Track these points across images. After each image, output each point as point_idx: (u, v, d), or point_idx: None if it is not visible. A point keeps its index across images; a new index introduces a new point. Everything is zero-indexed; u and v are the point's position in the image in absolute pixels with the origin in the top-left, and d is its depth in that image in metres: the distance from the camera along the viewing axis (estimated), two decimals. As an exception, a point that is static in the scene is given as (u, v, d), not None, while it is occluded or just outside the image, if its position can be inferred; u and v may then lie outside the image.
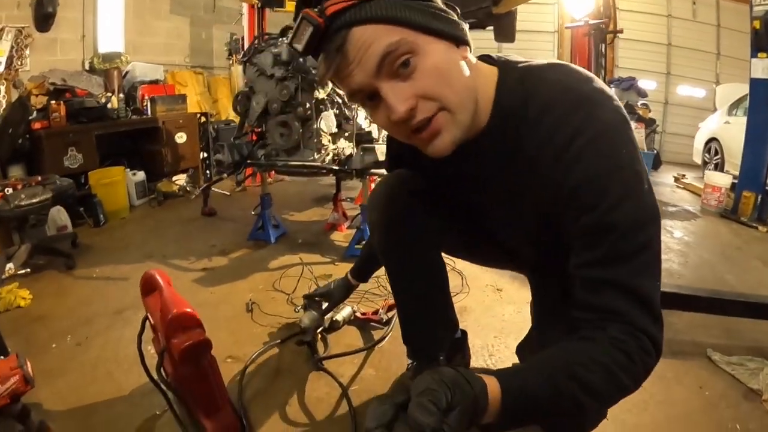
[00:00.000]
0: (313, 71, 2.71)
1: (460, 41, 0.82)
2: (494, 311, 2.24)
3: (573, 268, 0.85)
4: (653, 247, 0.81)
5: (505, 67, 0.90)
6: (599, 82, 0.84)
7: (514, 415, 0.74)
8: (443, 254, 1.39)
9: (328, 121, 2.83)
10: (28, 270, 2.62)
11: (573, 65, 0.87)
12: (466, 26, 0.84)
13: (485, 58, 0.92)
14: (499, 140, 0.89)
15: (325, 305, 1.90)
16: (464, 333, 1.64)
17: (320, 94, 2.76)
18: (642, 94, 7.04)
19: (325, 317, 1.95)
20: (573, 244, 0.85)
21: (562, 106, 0.80)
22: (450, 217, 1.23)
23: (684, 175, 5.91)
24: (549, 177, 0.83)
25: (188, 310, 1.17)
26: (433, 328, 1.40)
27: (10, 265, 2.52)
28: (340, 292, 1.87)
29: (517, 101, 0.86)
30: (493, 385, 0.72)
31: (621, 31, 5.02)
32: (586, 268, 0.82)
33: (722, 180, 4.50)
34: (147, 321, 1.38)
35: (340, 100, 2.92)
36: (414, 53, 0.75)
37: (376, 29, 0.73)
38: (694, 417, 1.54)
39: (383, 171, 2.73)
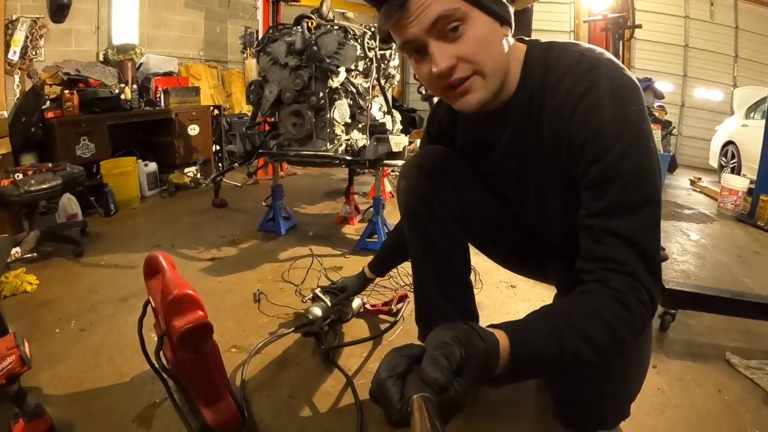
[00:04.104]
0: (328, 60, 2.67)
1: (505, 21, 0.91)
2: (508, 308, 2.19)
3: (579, 219, 0.90)
4: (656, 203, 0.86)
5: (532, 43, 1.00)
6: (612, 56, 0.91)
7: (521, 369, 0.77)
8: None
9: (341, 111, 2.79)
10: (35, 255, 2.61)
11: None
12: (511, 10, 0.92)
13: (518, 40, 1.02)
14: (524, 107, 0.98)
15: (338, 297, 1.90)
16: None
17: (334, 83, 2.71)
18: (659, 95, 6.93)
19: (334, 308, 1.90)
20: (582, 198, 0.90)
21: (577, 69, 0.89)
22: (481, 197, 1.25)
23: (700, 178, 5.81)
24: (564, 136, 0.90)
25: (189, 291, 1.13)
26: (448, 308, 1.36)
27: (16, 249, 2.51)
28: (355, 284, 1.89)
29: (540, 70, 0.95)
30: (502, 339, 0.75)
31: (640, 26, 4.90)
32: (591, 218, 0.87)
33: (739, 183, 4.40)
34: (149, 305, 1.35)
35: (354, 90, 2.87)
36: (464, 21, 0.85)
37: None
38: (713, 421, 1.48)
39: (397, 162, 2.69)
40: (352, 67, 2.78)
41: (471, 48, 0.87)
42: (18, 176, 2.54)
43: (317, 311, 1.86)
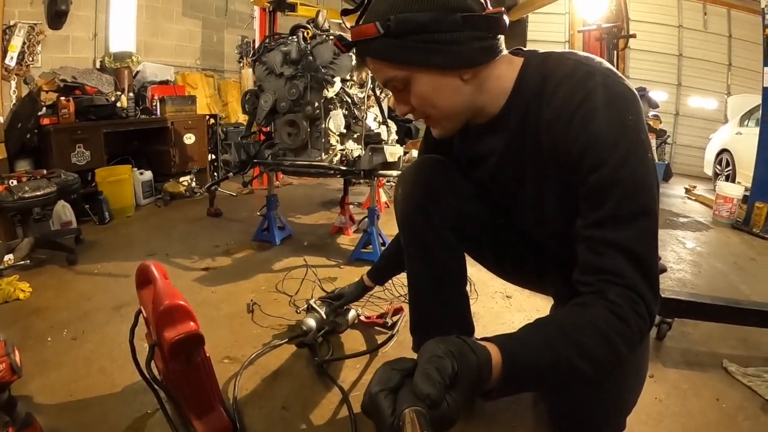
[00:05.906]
0: (323, 70, 2.68)
1: (462, 65, 0.92)
2: (503, 318, 2.18)
3: (577, 230, 0.89)
4: (654, 214, 0.85)
5: (530, 53, 1.01)
6: (610, 65, 0.92)
7: (514, 382, 0.77)
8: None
9: (336, 121, 2.79)
10: (28, 262, 2.60)
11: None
12: (479, 45, 0.90)
13: (516, 52, 1.03)
14: (521, 113, 0.98)
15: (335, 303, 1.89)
16: None
17: (329, 93, 2.72)
18: (653, 104, 6.96)
19: (328, 319, 1.89)
20: (580, 208, 0.89)
21: (574, 77, 0.89)
22: (478, 205, 1.24)
23: (695, 187, 5.84)
24: (562, 143, 0.89)
25: (181, 302, 1.12)
26: (444, 319, 1.35)
27: (9, 256, 2.49)
28: (353, 292, 1.87)
29: (537, 78, 0.95)
30: (495, 352, 0.75)
31: (634, 36, 4.92)
32: (589, 229, 0.86)
33: (734, 191, 4.42)
34: (141, 315, 1.33)
35: (349, 100, 2.87)
36: (407, 82, 0.94)
37: (379, 63, 0.93)
38: (711, 430, 1.47)
39: (392, 172, 2.69)
40: (348, 77, 2.79)
41: (417, 102, 0.96)
42: (12, 182, 2.53)
43: (311, 322, 1.85)
